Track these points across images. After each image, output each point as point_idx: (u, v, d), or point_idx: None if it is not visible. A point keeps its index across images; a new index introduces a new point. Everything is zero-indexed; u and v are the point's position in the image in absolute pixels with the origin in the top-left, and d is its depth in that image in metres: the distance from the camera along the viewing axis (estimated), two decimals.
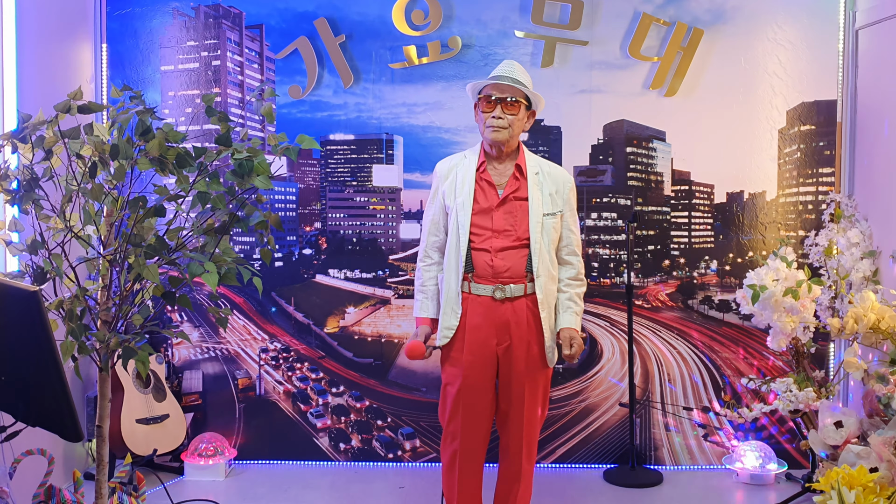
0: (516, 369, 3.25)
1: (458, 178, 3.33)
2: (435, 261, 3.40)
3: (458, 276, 3.27)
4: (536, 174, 3.33)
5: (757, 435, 4.52)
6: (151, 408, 4.36)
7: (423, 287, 3.41)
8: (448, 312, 3.29)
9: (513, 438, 3.32)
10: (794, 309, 3.94)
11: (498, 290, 3.24)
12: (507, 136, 3.26)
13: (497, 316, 3.25)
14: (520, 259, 3.25)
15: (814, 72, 4.45)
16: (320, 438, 4.63)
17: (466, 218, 3.26)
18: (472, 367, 3.25)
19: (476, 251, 3.26)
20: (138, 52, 4.57)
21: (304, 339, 4.64)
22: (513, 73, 3.28)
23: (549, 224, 3.28)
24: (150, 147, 2.76)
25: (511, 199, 3.29)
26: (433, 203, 3.41)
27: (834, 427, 3.57)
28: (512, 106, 3.25)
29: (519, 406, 3.27)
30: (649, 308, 4.57)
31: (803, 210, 4.50)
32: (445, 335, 3.29)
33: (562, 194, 3.35)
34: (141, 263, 2.80)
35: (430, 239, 3.41)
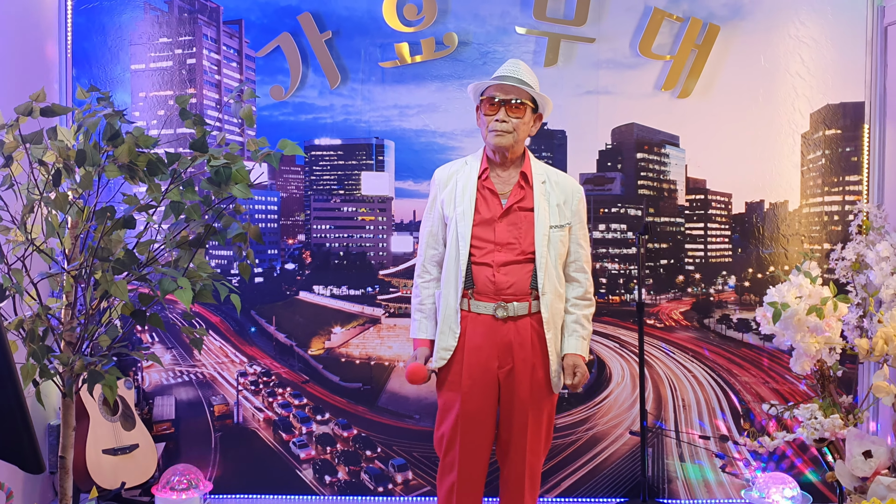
0: (519, 395, 3.25)
1: (459, 186, 3.33)
2: (434, 276, 3.40)
3: (458, 293, 3.26)
4: (543, 183, 3.33)
5: (779, 466, 4.52)
6: (119, 437, 4.35)
7: (422, 305, 3.40)
8: (445, 332, 3.29)
9: (514, 471, 3.31)
10: (819, 329, 3.94)
11: (500, 309, 3.24)
12: (512, 141, 3.26)
13: (499, 336, 3.25)
14: (524, 275, 3.25)
15: (839, 72, 4.47)
16: (304, 470, 4.62)
17: (467, 229, 3.26)
18: (471, 392, 3.25)
19: (477, 265, 3.26)
20: (106, 50, 4.58)
21: (286, 362, 4.63)
22: (518, 72, 3.28)
23: (556, 237, 3.28)
24: (119, 153, 2.77)
25: (515, 209, 3.29)
26: (431, 213, 3.41)
27: (862, 457, 3.57)
28: (517, 108, 3.25)
29: (521, 435, 3.26)
30: (662, 328, 4.58)
31: (829, 221, 4.52)
32: (442, 357, 3.29)
33: (570, 205, 3.35)
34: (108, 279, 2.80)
35: (427, 252, 3.40)
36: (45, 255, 2.91)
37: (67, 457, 3.01)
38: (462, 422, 3.26)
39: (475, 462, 3.29)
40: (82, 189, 2.84)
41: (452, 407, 3.29)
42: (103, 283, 2.81)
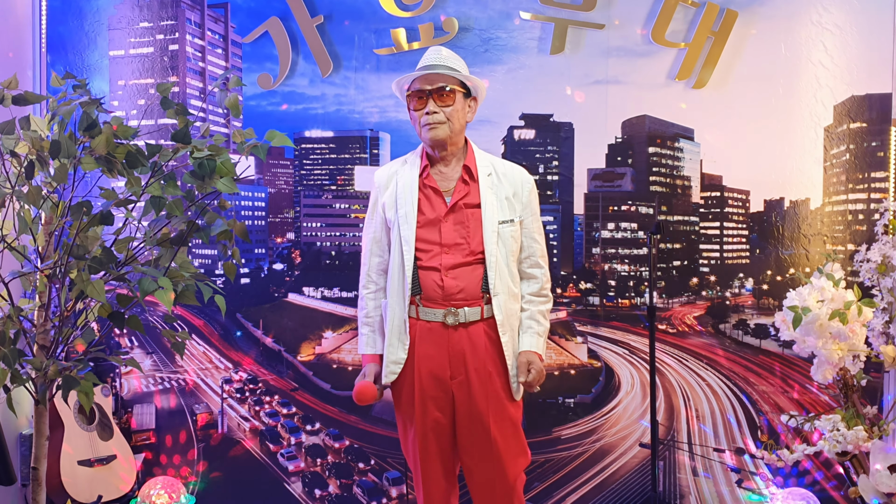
0: (477, 405, 3.21)
1: (400, 187, 3.30)
2: (380, 286, 3.38)
3: (405, 301, 3.24)
4: (489, 175, 3.31)
5: (799, 481, 4.52)
6: (96, 447, 4.35)
7: (367, 318, 3.38)
8: (394, 344, 3.27)
9: (482, 488, 3.29)
10: (843, 335, 3.94)
11: (450, 315, 3.21)
12: (448, 132, 3.24)
13: (451, 345, 3.22)
14: (474, 277, 3.23)
15: (865, 61, 4.47)
16: (292, 484, 4.63)
17: (411, 232, 3.23)
18: (424, 407, 3.23)
19: (423, 270, 3.23)
20: (83, 35, 4.58)
21: (274, 369, 4.64)
22: (441, 59, 3.27)
23: (506, 233, 3.26)
24: (97, 144, 2.77)
25: (461, 206, 3.26)
26: (373, 218, 3.39)
27: (888, 472, 3.58)
28: (446, 96, 3.23)
29: (485, 453, 3.23)
30: (674, 333, 4.58)
31: (853, 220, 4.52)
32: (392, 371, 3.27)
33: (520, 197, 3.33)
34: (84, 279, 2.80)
35: (372, 261, 3.39)
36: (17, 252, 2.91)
37: (40, 468, 3.01)
38: (419, 438, 3.26)
39: (437, 477, 3.30)
40: (57, 182, 2.84)
41: (409, 424, 3.29)
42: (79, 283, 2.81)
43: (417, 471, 3.32)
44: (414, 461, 3.33)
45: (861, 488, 3.71)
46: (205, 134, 3.01)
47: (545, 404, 4.54)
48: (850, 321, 3.93)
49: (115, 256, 2.88)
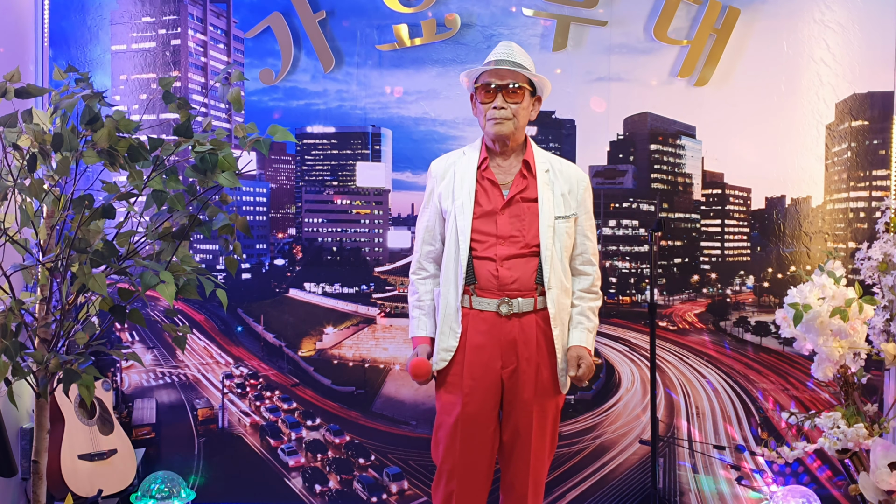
0: (523, 397, 3.24)
1: (457, 178, 3.33)
2: (431, 273, 3.40)
3: (458, 290, 3.26)
4: (547, 172, 3.33)
5: (799, 478, 4.53)
6: (96, 442, 4.35)
7: (420, 302, 3.40)
8: (446, 332, 3.28)
9: (518, 477, 3.30)
10: (843, 332, 3.94)
11: (504, 305, 3.23)
12: (512, 129, 3.26)
13: (503, 334, 3.24)
14: (529, 269, 3.25)
15: (867, 59, 4.47)
16: (293, 479, 4.63)
17: (467, 223, 3.25)
18: (472, 394, 3.24)
19: (478, 260, 3.25)
20: (85, 30, 4.58)
21: (274, 364, 4.64)
22: (512, 55, 3.29)
23: (561, 229, 3.28)
24: (99, 137, 2.77)
25: (518, 200, 3.28)
26: (428, 207, 3.41)
27: (888, 469, 3.58)
28: (515, 93, 3.26)
29: (526, 439, 3.26)
30: (675, 330, 4.58)
31: (854, 218, 4.52)
32: (443, 358, 3.28)
33: (576, 195, 3.35)
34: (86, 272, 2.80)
35: (424, 249, 3.40)
36: (19, 245, 2.90)
37: (41, 461, 3.01)
38: (463, 425, 3.25)
39: (477, 469, 3.29)
40: (59, 176, 2.84)
41: (452, 410, 3.28)
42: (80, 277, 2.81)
43: (452, 463, 3.27)
44: (447, 451, 3.29)
45: (861, 485, 3.71)
46: (207, 128, 3.00)
47: None
48: (851, 319, 3.93)
49: (117, 250, 2.88)
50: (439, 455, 3.34)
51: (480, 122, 3.32)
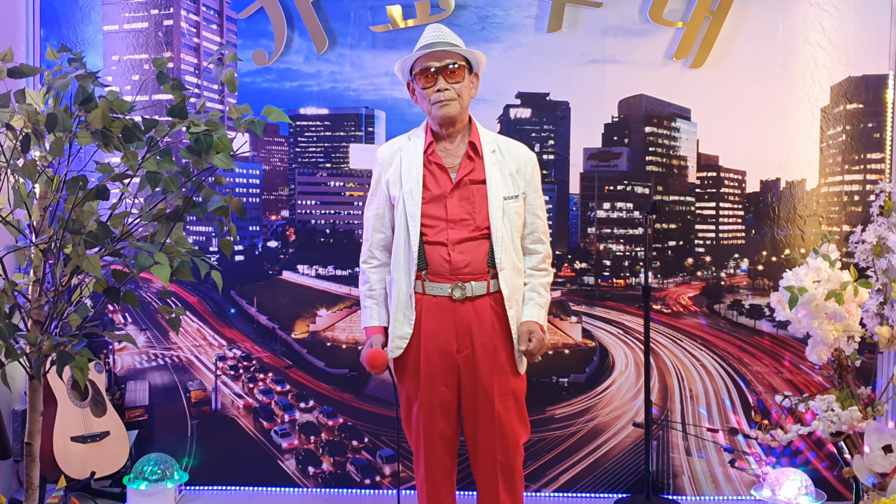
0: (482, 381, 3.25)
1: (404, 164, 3.33)
2: (382, 261, 3.41)
3: (410, 276, 3.27)
4: (493, 152, 3.34)
5: (792, 461, 4.55)
6: (89, 424, 4.34)
7: (371, 292, 3.40)
8: (400, 319, 3.30)
9: (484, 464, 3.32)
10: (838, 315, 3.95)
11: (457, 289, 3.24)
12: (459, 108, 3.28)
13: (457, 319, 3.25)
14: (481, 252, 3.26)
15: (862, 42, 4.47)
16: (286, 461, 4.63)
17: (416, 208, 3.26)
18: (430, 380, 3.27)
19: (430, 245, 3.26)
20: (77, 9, 4.55)
21: (268, 346, 4.64)
22: (443, 36, 3.30)
23: (511, 209, 3.29)
24: (92, 118, 2.75)
25: (466, 182, 3.29)
26: (376, 194, 3.40)
27: (882, 452, 3.59)
28: (454, 73, 3.26)
29: (489, 424, 3.27)
30: (669, 313, 4.59)
31: (848, 201, 4.53)
32: (398, 346, 3.30)
33: (524, 174, 3.36)
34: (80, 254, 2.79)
35: (374, 237, 3.40)
36: (12, 226, 2.89)
37: (34, 444, 3.00)
38: (424, 411, 3.29)
39: (440, 453, 3.33)
40: (52, 156, 2.82)
41: (414, 397, 3.32)
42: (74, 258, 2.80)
43: (420, 447, 3.34)
44: (417, 437, 3.35)
45: (855, 468, 3.73)
46: (200, 109, 2.99)
47: (539, 383, 4.55)
48: (846, 302, 3.95)
49: (111, 231, 2.87)
50: (412, 440, 3.41)
51: (425, 108, 3.32)
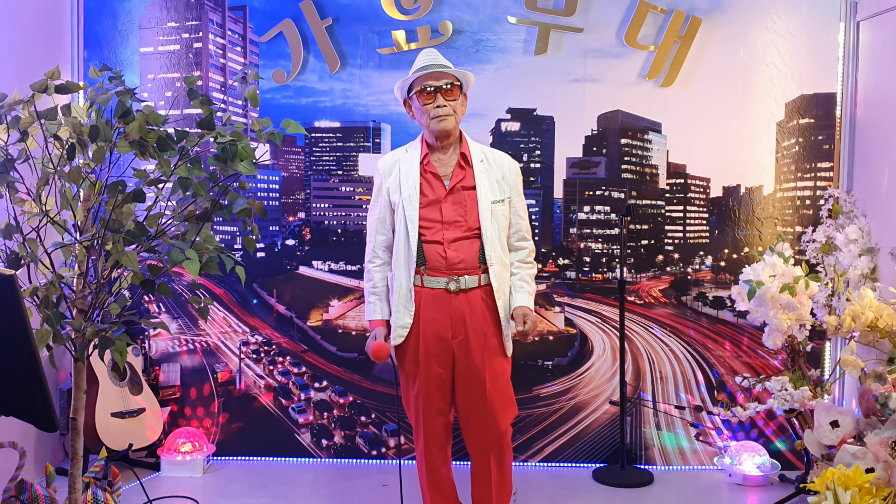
0: (475, 363, 3.27)
1: (402, 173, 3.34)
2: (384, 261, 3.42)
3: (410, 272, 3.29)
4: (481, 161, 3.36)
5: (750, 435, 4.55)
6: (127, 401, 4.34)
7: (375, 288, 3.42)
8: (401, 311, 3.31)
9: (476, 434, 3.33)
10: (791, 306, 3.96)
11: (452, 282, 3.26)
12: (454, 123, 3.29)
13: (452, 308, 3.27)
14: (473, 250, 3.28)
15: (813, 64, 4.47)
16: (302, 434, 4.63)
17: (414, 212, 3.27)
18: (428, 363, 3.29)
19: (427, 244, 3.28)
20: (116, 33, 4.54)
21: (286, 333, 4.63)
22: (439, 59, 3.32)
23: (498, 211, 3.31)
24: (130, 129, 2.75)
25: (458, 188, 3.31)
26: (378, 201, 3.41)
27: (830, 427, 3.60)
28: (450, 92, 3.28)
29: (480, 399, 3.28)
30: (642, 304, 4.59)
31: (801, 205, 4.53)
32: (400, 334, 3.31)
33: (508, 180, 3.38)
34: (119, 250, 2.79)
35: (377, 238, 3.41)
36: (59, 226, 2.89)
37: (78, 418, 3.00)
38: (423, 391, 3.31)
39: (437, 426, 3.35)
40: (95, 163, 2.82)
41: (413, 378, 3.33)
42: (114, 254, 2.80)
43: (419, 422, 3.35)
44: (416, 414, 3.36)
45: (806, 441, 3.74)
46: (226, 122, 2.99)
47: (526, 366, 4.55)
48: (798, 294, 3.95)
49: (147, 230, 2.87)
50: (411, 416, 3.42)
51: (423, 122, 3.32)
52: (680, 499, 4.17)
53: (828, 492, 3.04)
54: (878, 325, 3.70)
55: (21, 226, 2.89)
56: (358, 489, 4.25)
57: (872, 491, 3.05)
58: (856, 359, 3.71)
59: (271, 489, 4.23)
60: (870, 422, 3.58)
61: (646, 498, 4.19)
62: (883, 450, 3.19)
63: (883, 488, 3.11)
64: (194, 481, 4.31)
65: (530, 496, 4.15)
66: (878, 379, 3.55)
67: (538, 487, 4.29)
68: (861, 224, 4.25)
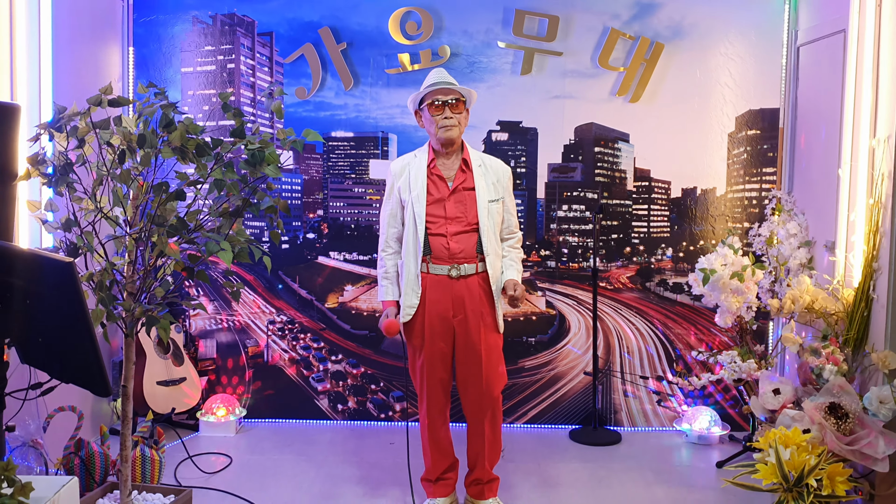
0: (472, 338, 3.28)
1: (412, 175, 3.33)
2: (395, 250, 3.41)
3: (417, 260, 3.29)
4: (479, 166, 3.36)
5: (704, 401, 4.56)
6: (170, 371, 4.34)
7: (387, 273, 3.41)
8: (409, 293, 3.31)
9: (472, 399, 3.34)
10: (740, 290, 3.96)
11: (453, 269, 3.26)
12: (458, 133, 3.30)
13: (453, 292, 3.28)
14: (471, 242, 3.28)
15: (760, 83, 4.46)
16: (321, 400, 4.63)
17: (422, 208, 3.27)
18: (432, 338, 3.29)
19: (433, 236, 3.28)
20: (161, 55, 4.53)
21: (307, 313, 4.63)
22: (448, 77, 3.32)
23: (493, 209, 3.32)
24: (173, 138, 2.75)
25: (460, 189, 3.31)
26: (390, 199, 3.40)
27: (772, 394, 3.60)
28: (457, 106, 3.29)
29: (476, 369, 3.29)
30: (612, 289, 4.59)
31: (748, 205, 4.53)
32: (408, 313, 3.32)
33: (502, 183, 3.39)
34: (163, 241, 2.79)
35: (389, 231, 3.40)
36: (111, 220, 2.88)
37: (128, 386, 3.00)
38: (427, 362, 3.31)
39: (439, 393, 3.36)
40: (142, 167, 2.82)
41: (419, 351, 3.34)
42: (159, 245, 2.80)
43: (423, 389, 3.35)
44: (421, 382, 3.36)
45: (752, 406, 3.74)
46: (255, 132, 2.98)
47: (513, 342, 4.55)
48: (746, 280, 3.96)
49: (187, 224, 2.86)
50: (417, 383, 3.41)
51: (431, 131, 3.32)
52: (644, 455, 4.18)
53: (770, 449, 3.05)
54: (814, 307, 3.71)
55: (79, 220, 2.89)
56: (368, 447, 4.25)
57: (809, 448, 3.06)
58: (795, 336, 3.71)
59: (294, 447, 4.24)
60: (807, 390, 3.58)
61: (615, 455, 4.20)
62: (818, 413, 3.20)
63: (818, 446, 3.12)
64: (228, 440, 4.32)
65: (516, 453, 4.15)
66: (813, 353, 3.56)
67: (522, 446, 4.29)
68: (800, 221, 4.25)
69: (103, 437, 3.49)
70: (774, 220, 4.37)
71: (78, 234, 2.84)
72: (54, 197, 2.97)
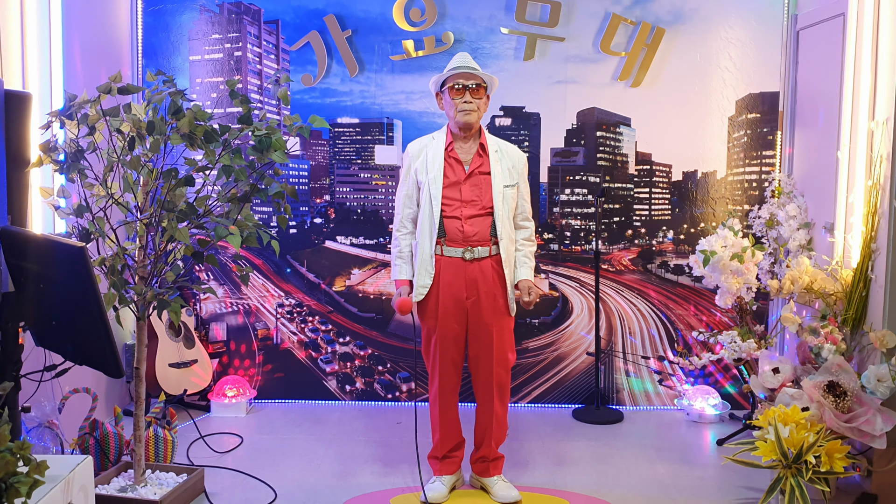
0: (484, 319, 3.27)
1: (429, 157, 3.31)
2: (409, 230, 3.38)
3: (432, 241, 3.27)
4: (496, 151, 3.33)
5: (705, 380, 4.56)
6: (182, 353, 4.36)
7: (401, 253, 3.39)
8: (423, 273, 3.30)
9: (483, 378, 3.35)
10: (740, 271, 3.95)
11: (467, 252, 3.25)
12: (477, 118, 3.27)
13: (466, 274, 3.26)
14: (485, 225, 3.26)
15: (760, 67, 4.43)
16: (329, 381, 4.65)
17: (438, 190, 3.25)
18: (445, 319, 3.28)
19: (448, 219, 3.26)
20: (169, 44, 4.52)
21: (315, 297, 4.64)
22: (470, 63, 3.29)
23: (508, 194, 3.29)
24: (182, 124, 2.75)
25: (476, 173, 3.29)
26: (406, 180, 3.38)
27: (772, 373, 3.61)
28: (477, 91, 3.26)
29: (488, 350, 3.29)
30: (614, 271, 4.58)
31: (748, 187, 4.51)
32: (420, 293, 3.31)
33: (517, 169, 3.36)
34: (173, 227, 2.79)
35: (404, 211, 3.38)
36: (122, 206, 2.89)
37: (141, 368, 3.02)
38: (440, 342, 3.31)
39: (450, 373, 3.35)
40: (152, 153, 2.82)
41: (432, 331, 3.33)
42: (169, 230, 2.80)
43: (435, 369, 3.35)
44: (433, 361, 3.36)
45: (752, 385, 3.75)
46: (262, 118, 2.98)
47: (518, 323, 4.50)
48: (746, 261, 3.95)
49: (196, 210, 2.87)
50: (429, 363, 3.41)
51: (450, 114, 3.30)
52: (646, 433, 4.19)
53: (770, 427, 3.05)
54: (813, 287, 3.70)
55: (90, 206, 2.90)
56: (376, 426, 4.27)
57: (807, 426, 3.07)
58: (794, 316, 3.71)
59: (303, 427, 4.26)
60: (805, 369, 3.58)
61: (617, 433, 4.21)
62: (816, 392, 3.20)
63: (816, 424, 3.12)
64: (239, 420, 4.34)
65: (521, 432, 4.16)
66: (812, 332, 3.55)
67: (527, 425, 4.30)
68: (799, 203, 4.23)
69: (117, 417, 3.51)
70: (774, 202, 4.36)
71: (90, 220, 2.85)
72: (66, 183, 2.98)
